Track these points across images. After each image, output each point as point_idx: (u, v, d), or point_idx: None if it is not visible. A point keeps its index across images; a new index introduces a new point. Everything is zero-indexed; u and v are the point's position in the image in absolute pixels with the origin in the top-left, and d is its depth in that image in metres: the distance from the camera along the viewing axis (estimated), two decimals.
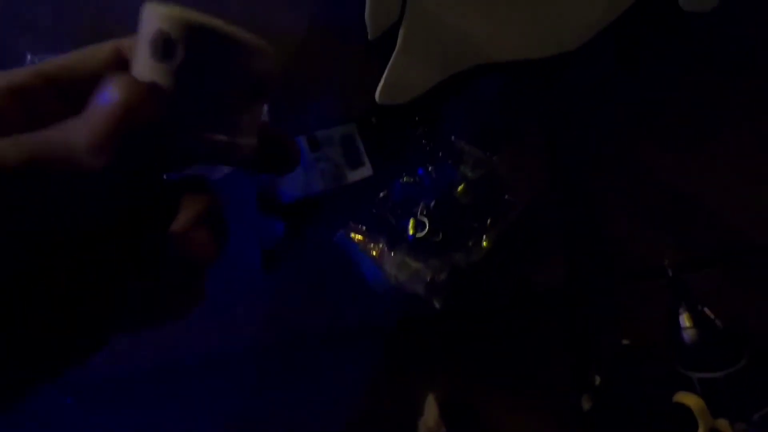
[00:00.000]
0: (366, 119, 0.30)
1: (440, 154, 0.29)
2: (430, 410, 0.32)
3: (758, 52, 0.38)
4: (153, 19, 0.12)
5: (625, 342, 0.36)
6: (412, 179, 0.29)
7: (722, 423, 0.31)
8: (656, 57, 0.36)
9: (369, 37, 0.29)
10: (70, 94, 0.15)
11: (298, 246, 0.29)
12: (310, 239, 0.29)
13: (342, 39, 0.30)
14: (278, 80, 0.14)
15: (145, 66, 0.13)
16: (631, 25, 0.34)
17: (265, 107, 0.27)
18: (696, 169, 0.36)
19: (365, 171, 0.29)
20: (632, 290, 0.36)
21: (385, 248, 0.28)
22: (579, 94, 0.34)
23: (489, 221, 0.29)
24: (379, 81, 0.28)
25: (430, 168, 0.29)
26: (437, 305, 0.29)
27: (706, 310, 0.32)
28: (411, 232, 0.28)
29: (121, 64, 0.15)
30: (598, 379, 0.35)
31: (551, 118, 0.33)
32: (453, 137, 0.30)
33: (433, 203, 0.29)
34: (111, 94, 0.12)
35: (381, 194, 0.29)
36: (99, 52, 0.15)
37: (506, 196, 0.30)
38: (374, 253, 0.28)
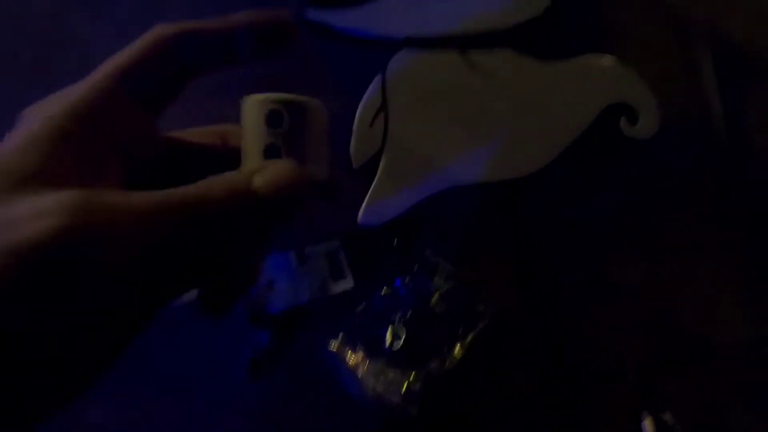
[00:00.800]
0: (350, 236, 0.33)
1: (416, 267, 0.32)
2: None
3: (705, 171, 0.43)
4: (262, 104, 0.19)
5: None
6: (390, 291, 0.32)
7: None
8: (614, 174, 0.41)
9: (353, 165, 0.33)
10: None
11: (283, 355, 0.31)
12: (294, 349, 0.31)
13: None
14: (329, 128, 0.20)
15: (260, 136, 0.19)
16: (585, 149, 0.39)
17: None
18: (658, 274, 0.40)
19: (347, 284, 0.32)
20: (602, 393, 0.37)
21: (364, 357, 0.30)
22: (543, 208, 0.38)
23: (461, 330, 0.32)
24: (361, 203, 0.32)
25: (406, 280, 0.32)
26: (413, 412, 0.30)
27: (668, 416, 0.34)
28: (389, 341, 0.31)
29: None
30: None
31: (517, 232, 0.37)
32: (427, 251, 0.33)
33: (409, 313, 0.31)
34: (287, 170, 0.17)
35: (362, 305, 0.31)
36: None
37: (478, 306, 0.32)
38: (353, 362, 0.30)
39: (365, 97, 0.35)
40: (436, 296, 0.32)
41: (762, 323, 0.39)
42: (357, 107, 0.34)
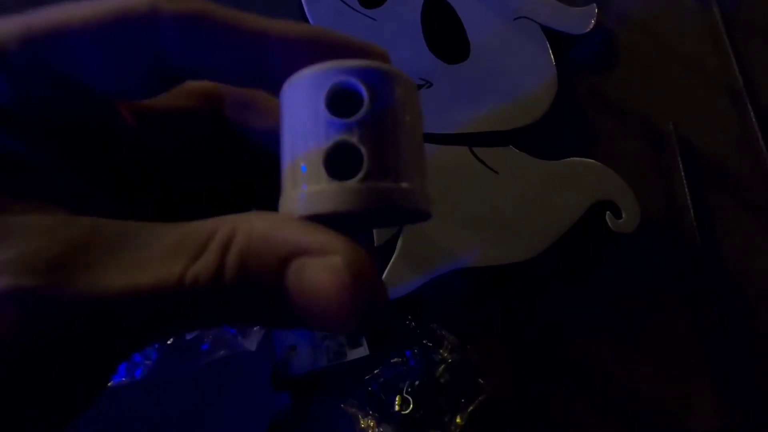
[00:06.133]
0: None
1: (424, 340, 0.36)
2: None
3: (679, 267, 0.48)
4: (322, 76, 0.11)
5: None
6: (400, 360, 0.35)
7: None
8: (597, 265, 0.46)
9: (375, 244, 0.37)
10: None
11: (302, 416, 0.33)
12: (312, 411, 0.33)
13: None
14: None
15: (318, 130, 0.11)
16: (573, 239, 0.44)
17: None
18: (635, 365, 0.43)
19: (362, 351, 0.35)
20: None
21: (375, 421, 0.33)
22: (534, 293, 0.43)
23: (463, 401, 0.35)
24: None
25: (415, 350, 0.35)
26: None
27: None
28: (397, 408, 0.33)
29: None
30: None
31: (509, 315, 0.41)
32: (434, 325, 0.37)
33: (417, 382, 0.34)
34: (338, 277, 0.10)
35: (374, 372, 0.34)
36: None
37: (478, 380, 0.36)
38: (364, 425, 0.33)
39: None
40: (441, 368, 0.35)
41: (730, 412, 0.43)
42: None
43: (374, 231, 0.37)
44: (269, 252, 0.11)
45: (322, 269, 0.11)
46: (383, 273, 0.36)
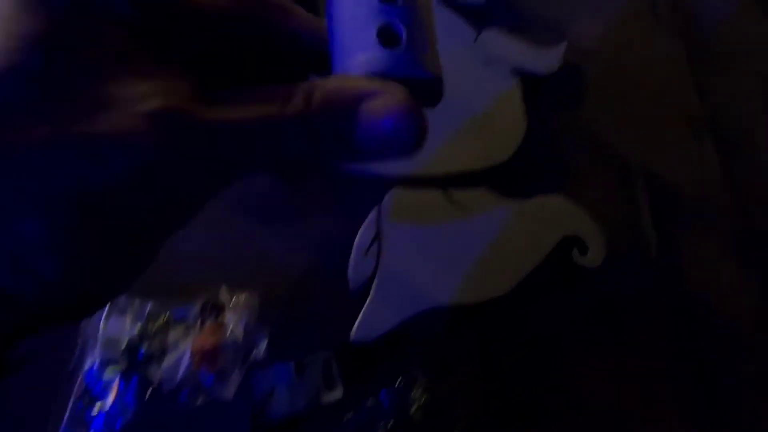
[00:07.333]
0: (342, 348, 0.38)
1: (399, 380, 0.37)
2: None
3: (644, 298, 0.50)
4: None
5: None
6: (375, 402, 0.36)
7: None
8: (565, 302, 0.48)
9: (351, 288, 0.38)
10: None
11: None
12: None
13: (331, 287, 0.40)
14: None
15: (370, 11, 0.14)
16: (543, 277, 0.46)
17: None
18: (608, 388, 0.45)
19: (338, 394, 0.36)
20: None
21: None
22: (507, 327, 0.44)
23: None
24: (355, 320, 0.37)
25: (389, 391, 0.37)
26: None
27: None
28: None
29: None
30: None
31: (484, 351, 0.42)
32: (407, 365, 0.38)
33: (391, 422, 0.35)
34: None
35: (349, 414, 0.36)
36: None
37: (453, 417, 0.37)
38: None
39: (362, 228, 0.41)
40: (415, 407, 0.36)
41: None
42: (354, 236, 0.40)
43: (349, 275, 0.39)
44: (346, 92, 0.15)
45: (391, 101, 0.14)
46: (358, 315, 0.38)
